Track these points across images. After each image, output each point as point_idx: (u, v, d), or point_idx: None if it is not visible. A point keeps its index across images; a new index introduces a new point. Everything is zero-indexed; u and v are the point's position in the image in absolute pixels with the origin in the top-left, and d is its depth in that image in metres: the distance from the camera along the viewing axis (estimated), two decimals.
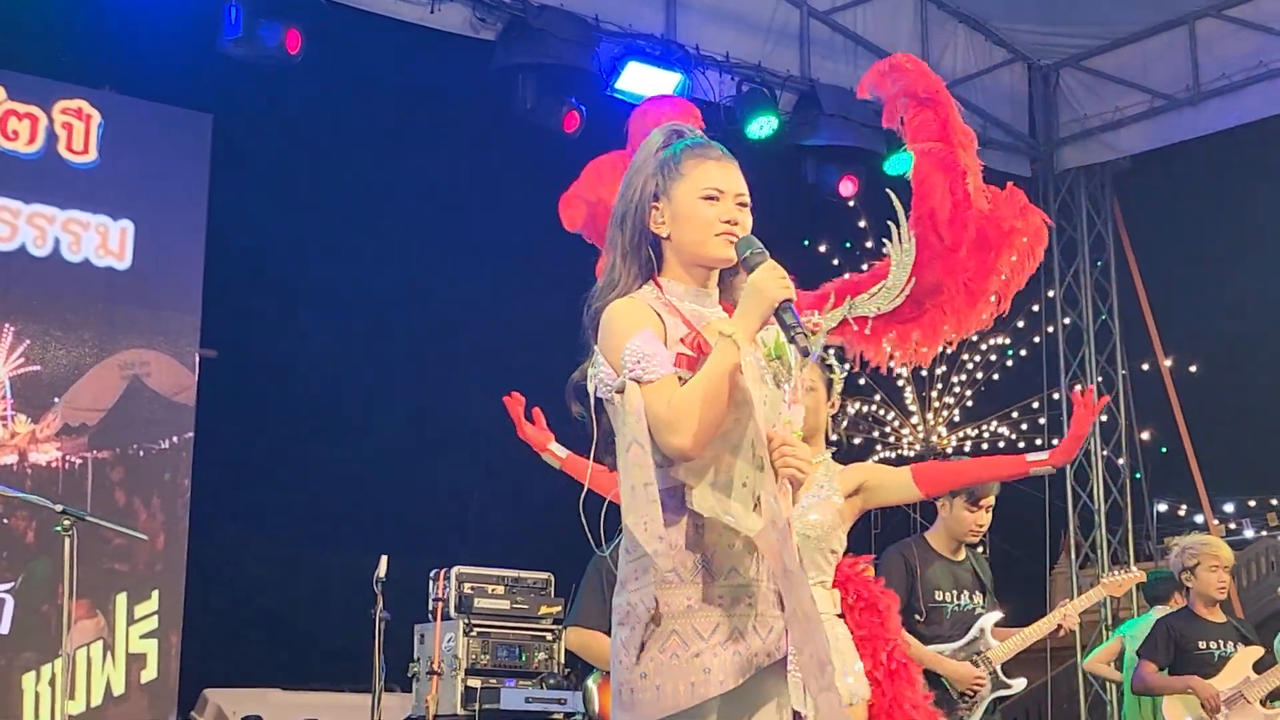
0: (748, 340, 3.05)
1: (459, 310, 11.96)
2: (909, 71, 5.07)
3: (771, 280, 3.07)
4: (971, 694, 6.08)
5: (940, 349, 5.11)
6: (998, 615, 6.29)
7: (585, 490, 3.26)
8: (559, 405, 3.40)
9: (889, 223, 4.86)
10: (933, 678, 6.00)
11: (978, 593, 6.26)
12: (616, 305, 3.17)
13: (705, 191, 3.19)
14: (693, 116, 4.96)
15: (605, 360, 3.14)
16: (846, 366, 4.98)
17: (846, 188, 10.99)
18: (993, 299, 5.01)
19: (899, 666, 4.96)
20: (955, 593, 6.21)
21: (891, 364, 5.05)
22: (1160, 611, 8.52)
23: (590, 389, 3.22)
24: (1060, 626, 6.38)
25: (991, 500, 6.21)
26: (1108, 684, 9.62)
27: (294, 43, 9.07)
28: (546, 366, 4.21)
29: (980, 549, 6.61)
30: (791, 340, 3.09)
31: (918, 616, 6.12)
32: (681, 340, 3.12)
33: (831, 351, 4.97)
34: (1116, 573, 7.24)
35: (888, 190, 4.82)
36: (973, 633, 6.18)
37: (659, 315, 3.15)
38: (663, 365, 3.04)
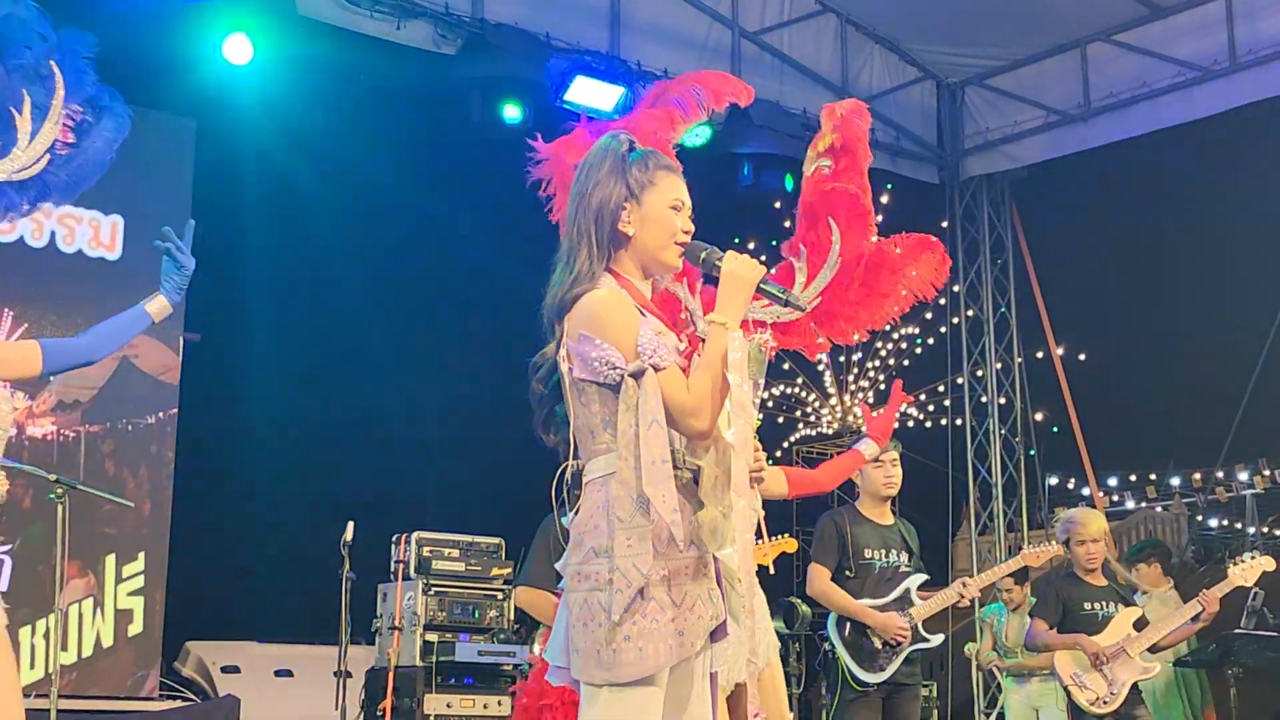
0: (736, 326, 3.01)
1: (415, 299, 11.88)
2: (849, 118, 5.00)
3: (744, 264, 3.09)
4: (895, 644, 6.17)
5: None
6: (923, 578, 6.39)
7: (561, 468, 3.20)
8: (520, 389, 3.30)
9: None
10: (861, 628, 6.20)
11: (904, 553, 6.37)
12: (604, 296, 3.08)
13: (673, 202, 3.18)
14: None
15: (608, 343, 3.02)
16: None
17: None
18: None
19: None
20: (883, 551, 6.30)
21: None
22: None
23: (565, 369, 3.10)
24: (961, 596, 6.47)
25: (894, 455, 6.34)
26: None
27: (238, 51, 9.08)
28: (506, 350, 4.17)
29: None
30: (786, 304, 3.17)
31: (848, 573, 6.26)
32: (678, 335, 3.10)
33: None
34: (1035, 544, 7.28)
35: (829, 219, 4.77)
36: (898, 591, 6.27)
37: (638, 309, 3.09)
38: (670, 354, 3.00)
